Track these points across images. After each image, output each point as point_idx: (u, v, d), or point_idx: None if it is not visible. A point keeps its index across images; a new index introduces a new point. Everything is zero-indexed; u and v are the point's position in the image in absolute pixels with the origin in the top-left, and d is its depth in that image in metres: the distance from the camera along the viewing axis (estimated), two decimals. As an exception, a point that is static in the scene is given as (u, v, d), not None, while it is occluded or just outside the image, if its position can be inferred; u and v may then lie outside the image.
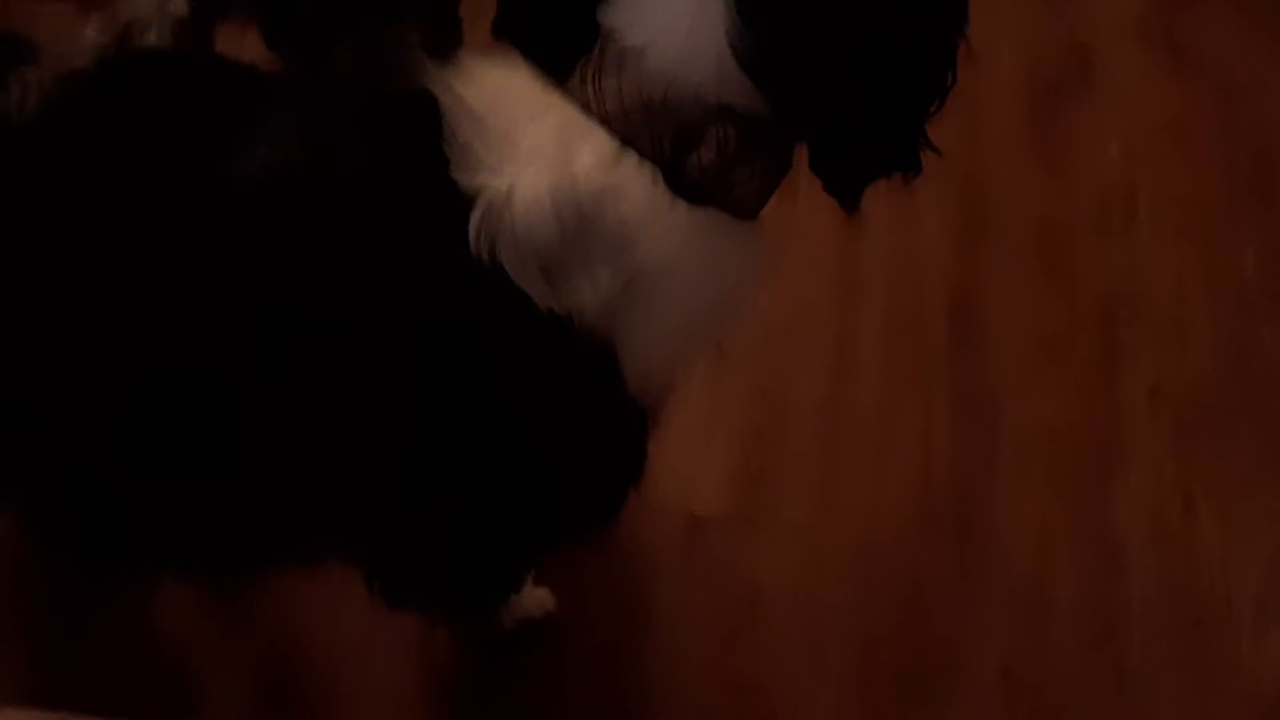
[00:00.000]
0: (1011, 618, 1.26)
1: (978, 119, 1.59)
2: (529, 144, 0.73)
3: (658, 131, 0.73)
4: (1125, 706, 1.22)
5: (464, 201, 0.72)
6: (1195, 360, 1.41)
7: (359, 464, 0.81)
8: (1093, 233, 1.50)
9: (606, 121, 0.73)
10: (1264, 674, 1.24)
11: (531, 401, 0.78)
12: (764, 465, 1.33)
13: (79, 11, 1.40)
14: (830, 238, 1.47)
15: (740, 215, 0.77)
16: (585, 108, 0.73)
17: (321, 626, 1.21)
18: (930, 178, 1.64)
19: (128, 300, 0.77)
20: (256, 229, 0.76)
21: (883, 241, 1.49)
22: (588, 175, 0.72)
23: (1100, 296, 1.46)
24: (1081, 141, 1.58)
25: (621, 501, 0.90)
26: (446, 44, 1.16)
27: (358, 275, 0.75)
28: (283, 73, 0.88)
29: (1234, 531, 1.32)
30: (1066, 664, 1.24)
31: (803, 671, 1.23)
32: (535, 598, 1.21)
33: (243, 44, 1.16)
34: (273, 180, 0.75)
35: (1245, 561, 1.30)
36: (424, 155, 0.73)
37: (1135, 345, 1.42)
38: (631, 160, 0.73)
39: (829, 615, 1.26)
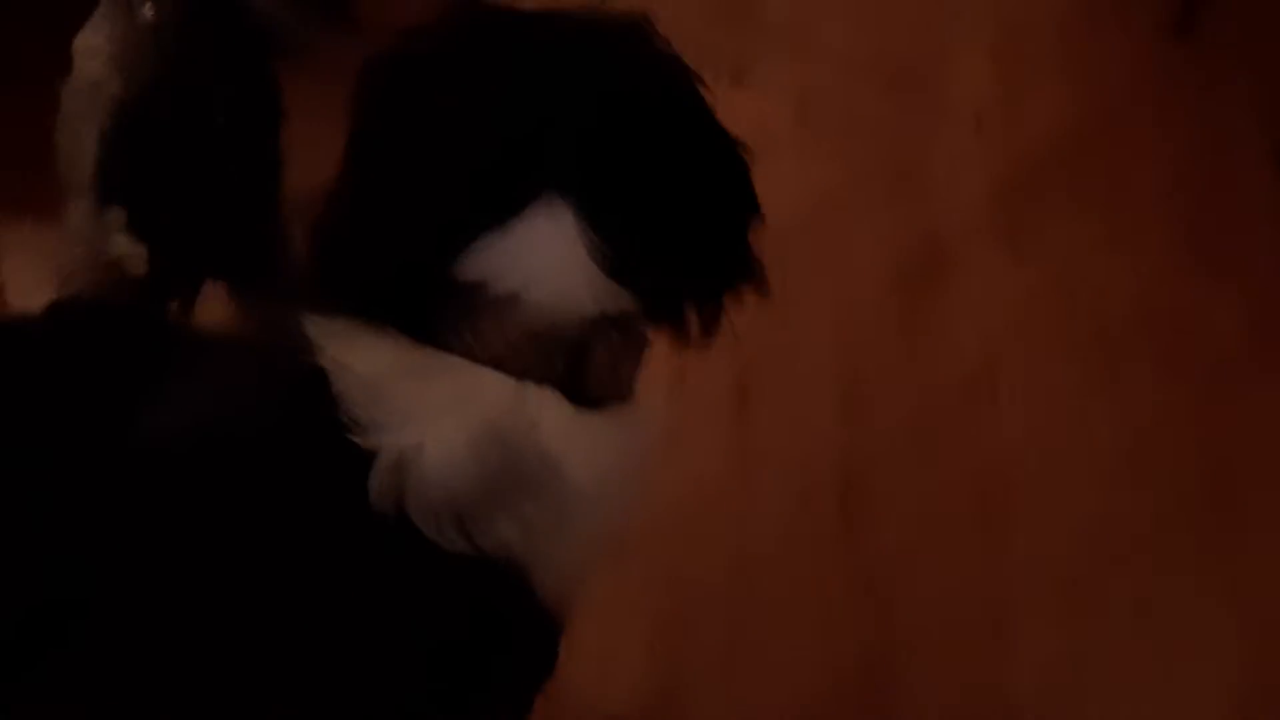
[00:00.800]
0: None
1: (849, 307, 1.71)
2: (429, 401, 0.73)
3: (549, 356, 0.75)
4: None
5: (364, 461, 0.72)
6: (1068, 532, 1.50)
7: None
8: (961, 415, 1.61)
9: (496, 362, 0.74)
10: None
11: (448, 642, 0.78)
12: (674, 658, 1.36)
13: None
14: (720, 424, 1.54)
15: (625, 399, 0.81)
16: (469, 355, 0.74)
17: None
18: (809, 362, 1.73)
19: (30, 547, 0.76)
20: (154, 484, 0.75)
21: (770, 426, 1.57)
22: (500, 417, 0.73)
23: (975, 476, 1.55)
24: (942, 328, 1.70)
25: (530, 709, 0.91)
26: None
27: (257, 535, 0.75)
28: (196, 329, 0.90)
29: (1121, 689, 1.39)
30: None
31: None
32: None
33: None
34: (172, 442, 0.76)
35: (1135, 716, 1.37)
36: (318, 421, 0.73)
37: (1012, 521, 1.51)
38: (532, 390, 0.75)
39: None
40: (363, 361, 0.74)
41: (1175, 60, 2.11)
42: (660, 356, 0.85)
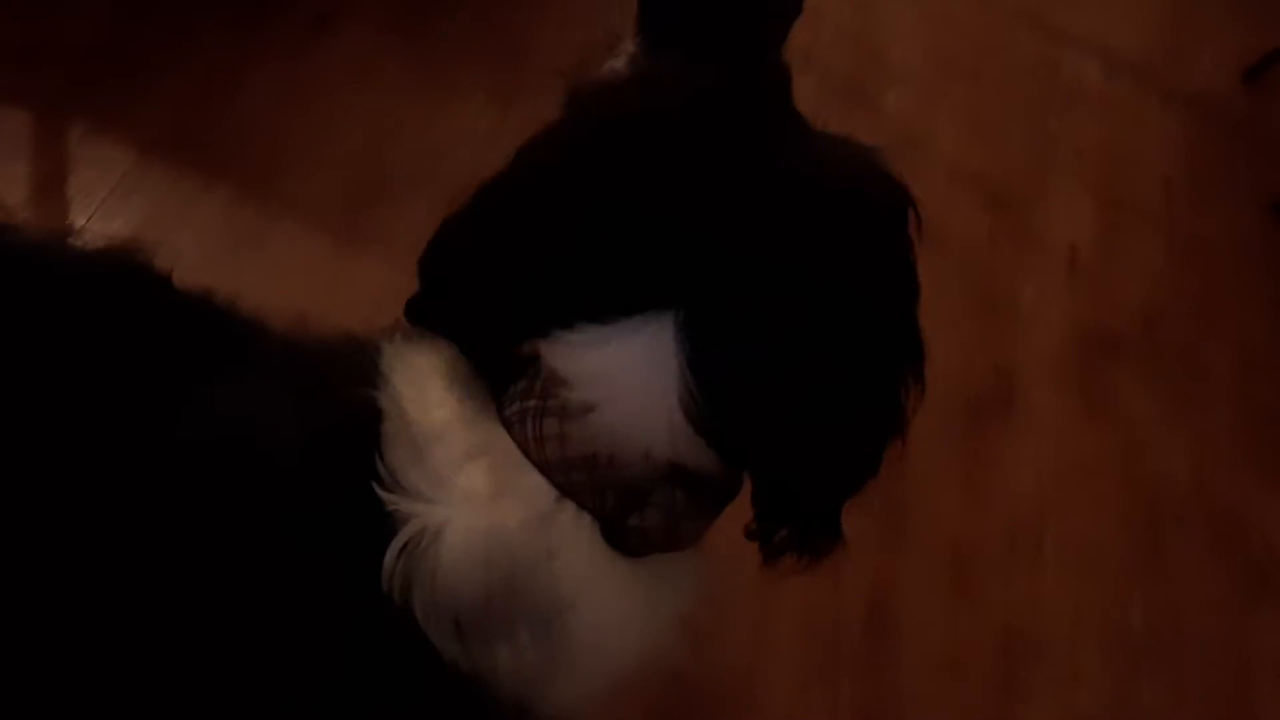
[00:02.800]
0: None
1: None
2: (466, 479, 0.67)
3: (601, 486, 0.67)
4: None
5: (387, 525, 0.66)
6: (1083, 706, 1.46)
7: None
8: (1001, 561, 1.57)
9: (544, 468, 0.67)
10: None
11: None
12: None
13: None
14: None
15: (679, 549, 0.73)
16: (523, 447, 0.68)
17: None
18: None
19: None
20: (167, 483, 0.71)
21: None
22: (522, 527, 0.67)
23: (1003, 628, 1.51)
24: (998, 466, 1.66)
25: None
26: None
27: (260, 581, 0.70)
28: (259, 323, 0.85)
29: None
30: None
31: None
32: None
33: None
34: (211, 443, 0.72)
35: None
36: (357, 464, 0.68)
37: (1030, 682, 1.47)
38: (569, 513, 0.67)
39: None
40: (421, 410, 0.69)
41: (1273, 243, 2.09)
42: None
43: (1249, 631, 1.57)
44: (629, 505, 0.67)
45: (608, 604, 0.70)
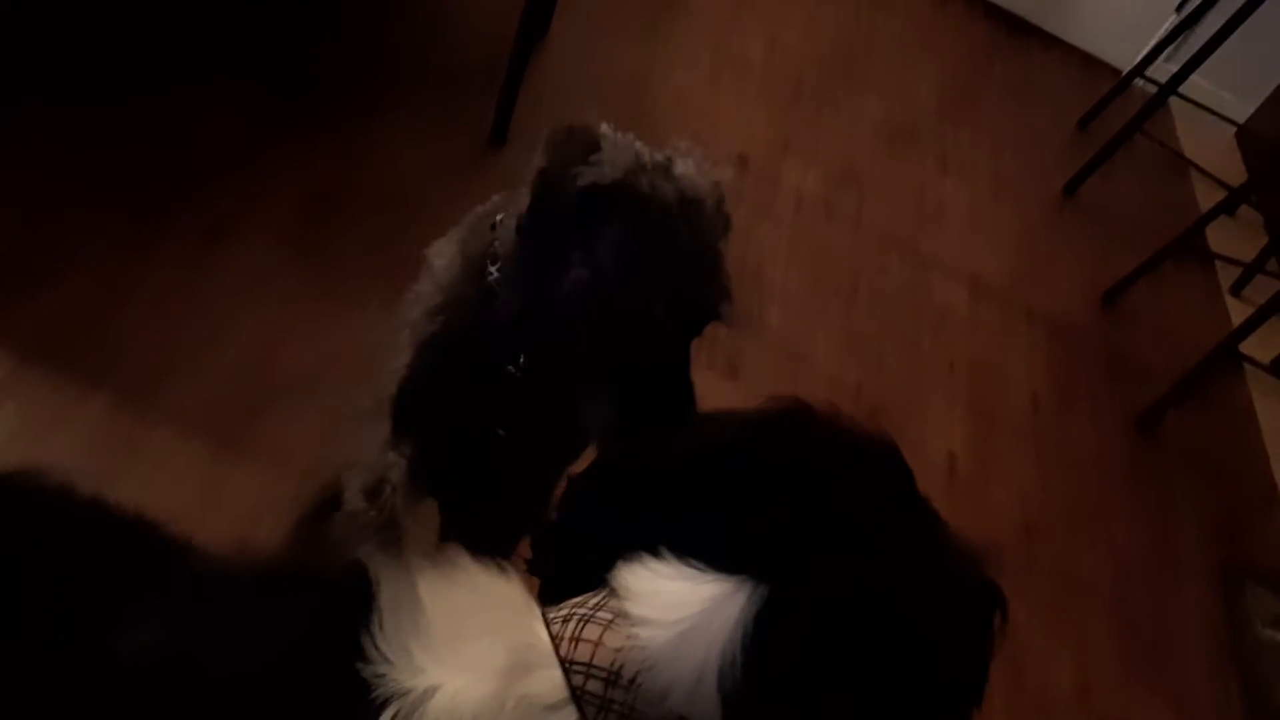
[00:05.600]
0: None
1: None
2: (476, 653, 0.68)
3: (608, 705, 0.67)
4: None
5: (371, 704, 0.65)
6: None
7: None
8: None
9: (566, 667, 0.68)
10: None
11: None
12: None
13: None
14: None
15: None
16: (555, 642, 0.69)
17: None
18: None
19: None
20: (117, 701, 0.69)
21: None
22: (520, 704, 0.67)
23: None
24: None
25: None
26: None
27: None
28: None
29: None
30: None
31: None
32: None
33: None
34: (160, 659, 0.69)
35: None
36: (339, 645, 0.67)
37: None
38: (568, 716, 0.67)
39: None
40: (446, 590, 0.70)
41: (1136, 456, 2.19)
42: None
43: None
44: None
45: None
